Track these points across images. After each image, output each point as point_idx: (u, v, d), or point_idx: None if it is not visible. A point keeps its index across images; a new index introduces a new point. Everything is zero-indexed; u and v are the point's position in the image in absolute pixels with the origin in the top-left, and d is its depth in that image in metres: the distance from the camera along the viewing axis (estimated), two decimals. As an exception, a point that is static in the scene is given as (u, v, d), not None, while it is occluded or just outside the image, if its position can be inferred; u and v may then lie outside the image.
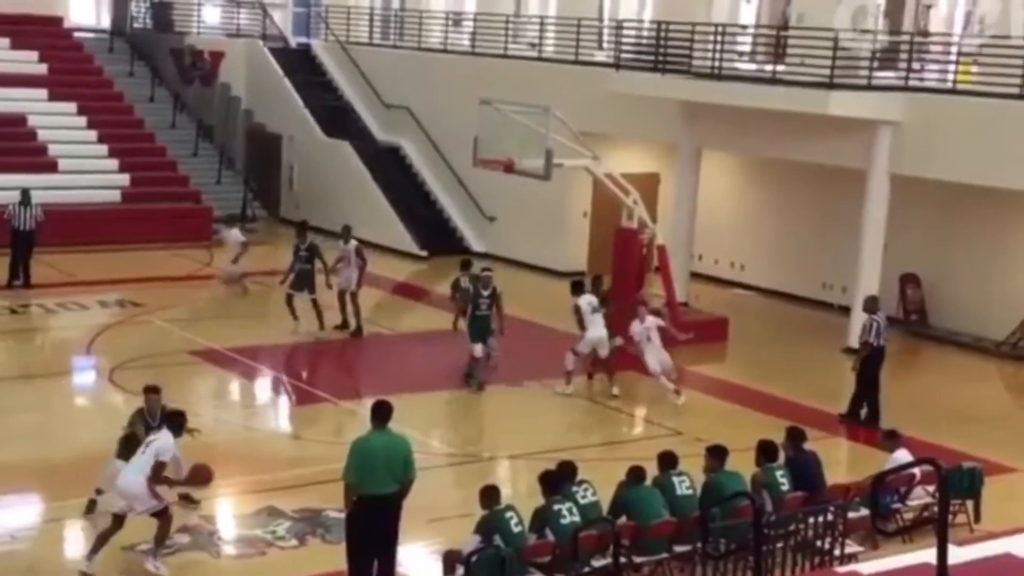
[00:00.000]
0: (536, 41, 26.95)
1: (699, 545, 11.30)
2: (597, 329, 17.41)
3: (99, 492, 12.40)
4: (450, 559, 10.96)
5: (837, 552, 11.68)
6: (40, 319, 20.83)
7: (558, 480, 11.46)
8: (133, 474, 11.39)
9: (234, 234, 22.88)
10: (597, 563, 11.07)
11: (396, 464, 10.77)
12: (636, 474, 11.77)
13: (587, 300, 17.56)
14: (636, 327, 17.26)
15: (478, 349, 17.34)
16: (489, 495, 11.05)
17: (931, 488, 12.68)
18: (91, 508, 12.46)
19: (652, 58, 22.57)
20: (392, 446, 10.86)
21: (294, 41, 33.08)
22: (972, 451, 14.84)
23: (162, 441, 11.44)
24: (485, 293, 17.53)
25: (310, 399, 17.23)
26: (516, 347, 19.24)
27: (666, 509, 11.57)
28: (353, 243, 20.02)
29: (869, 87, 20.03)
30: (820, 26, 20.12)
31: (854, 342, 20.16)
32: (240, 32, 32.12)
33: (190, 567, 11.64)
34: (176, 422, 11.78)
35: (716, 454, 12.13)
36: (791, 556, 11.52)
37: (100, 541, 11.45)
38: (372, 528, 10.78)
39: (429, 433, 15.46)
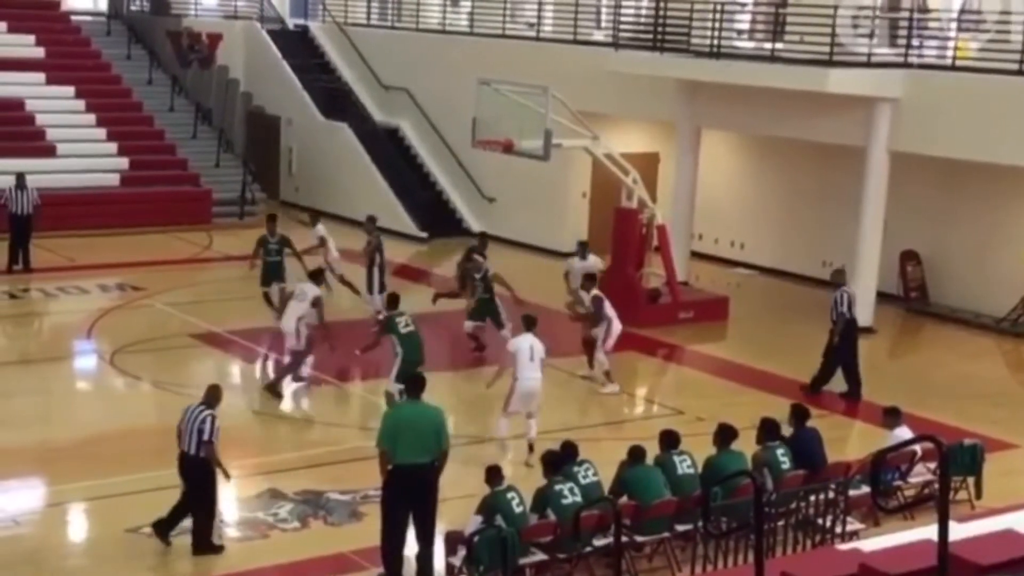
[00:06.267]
0: (534, 21, 26.87)
1: (700, 524, 11.32)
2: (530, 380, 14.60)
3: None
4: (452, 539, 11.00)
5: (838, 530, 11.71)
6: (40, 303, 20.84)
7: (560, 460, 11.50)
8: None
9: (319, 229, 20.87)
10: (598, 542, 11.12)
11: (427, 434, 10.89)
12: (637, 454, 11.80)
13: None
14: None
15: (467, 326, 18.07)
16: (492, 475, 11.10)
17: (932, 465, 12.70)
18: None
19: (651, 37, 22.52)
20: (423, 416, 11.02)
21: (292, 23, 32.98)
22: (972, 428, 14.87)
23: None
24: (477, 276, 18.01)
25: (311, 381, 17.23)
26: (516, 327, 19.25)
27: (667, 488, 11.60)
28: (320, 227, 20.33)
29: (868, 64, 19.99)
30: (818, 3, 20.06)
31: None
32: (238, 14, 32.03)
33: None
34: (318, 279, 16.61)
35: (723, 435, 12.13)
36: (792, 534, 11.56)
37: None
38: (406, 497, 10.90)
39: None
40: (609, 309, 16.98)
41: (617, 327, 16.96)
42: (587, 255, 19.11)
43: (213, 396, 11.75)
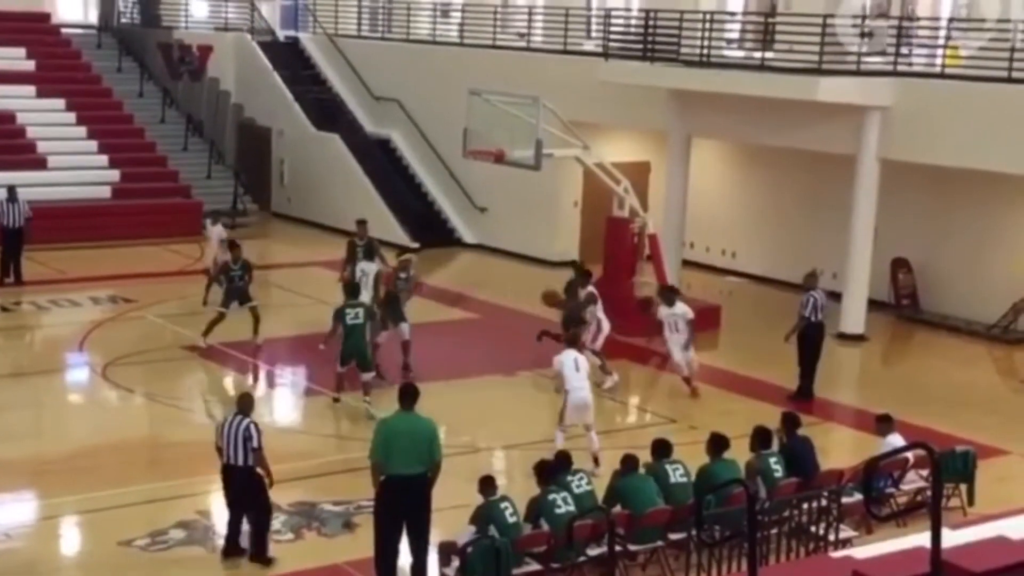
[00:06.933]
0: (524, 31, 26.92)
1: (694, 532, 11.33)
2: (580, 390, 14.28)
3: None
4: (446, 550, 10.99)
5: (831, 537, 11.72)
6: (32, 316, 20.80)
7: (553, 470, 11.50)
8: None
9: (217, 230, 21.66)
10: (592, 552, 11.12)
11: (420, 445, 10.93)
12: (630, 463, 11.80)
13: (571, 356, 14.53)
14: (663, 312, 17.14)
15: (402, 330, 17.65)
16: (485, 485, 11.10)
17: (924, 472, 12.73)
18: None
19: (641, 46, 22.57)
20: (416, 427, 11.04)
21: (282, 34, 33.01)
22: (965, 434, 14.91)
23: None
24: (402, 276, 17.90)
25: (304, 393, 17.24)
26: (509, 337, 19.27)
27: (660, 497, 11.61)
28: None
29: (858, 72, 20.04)
30: (807, 12, 20.13)
31: (846, 327, 20.36)
32: (228, 26, 32.05)
33: (187, 562, 11.65)
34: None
35: (715, 444, 12.14)
36: (786, 542, 11.56)
37: None
38: (399, 508, 10.93)
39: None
40: (599, 309, 17.05)
41: (606, 326, 17.03)
42: (675, 301, 17.56)
43: (248, 404, 11.74)
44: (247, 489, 11.49)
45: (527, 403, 16.79)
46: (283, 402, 17.29)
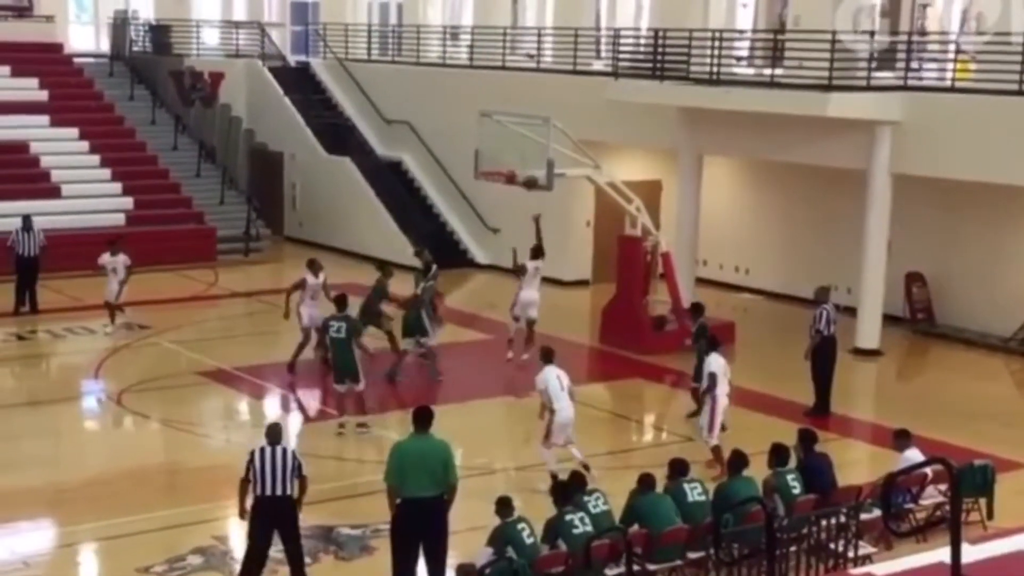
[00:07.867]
0: (534, 52, 26.99)
1: (712, 551, 11.29)
2: (567, 409, 14.30)
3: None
4: (464, 572, 10.96)
5: (851, 554, 11.67)
6: (47, 344, 20.86)
7: (569, 490, 11.48)
8: None
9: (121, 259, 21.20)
10: (610, 572, 11.07)
11: (434, 467, 10.95)
12: (647, 482, 11.78)
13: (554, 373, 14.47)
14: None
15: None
16: (502, 507, 11.09)
17: (943, 487, 12.67)
18: None
19: (650, 65, 22.60)
20: (429, 449, 11.05)
21: (293, 60, 33.16)
22: (982, 448, 14.84)
23: None
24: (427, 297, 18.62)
25: (319, 416, 17.25)
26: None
27: (678, 516, 11.57)
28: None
29: (868, 88, 20.04)
30: (816, 28, 20.15)
31: (861, 342, 20.30)
32: (239, 52, 32.18)
33: (204, 588, 11.65)
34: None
35: (733, 462, 12.12)
36: (805, 559, 11.52)
37: None
38: (414, 531, 10.94)
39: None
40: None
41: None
42: (711, 351, 15.41)
43: (280, 433, 11.58)
44: (289, 518, 11.33)
45: (542, 423, 16.74)
46: (298, 426, 17.27)
